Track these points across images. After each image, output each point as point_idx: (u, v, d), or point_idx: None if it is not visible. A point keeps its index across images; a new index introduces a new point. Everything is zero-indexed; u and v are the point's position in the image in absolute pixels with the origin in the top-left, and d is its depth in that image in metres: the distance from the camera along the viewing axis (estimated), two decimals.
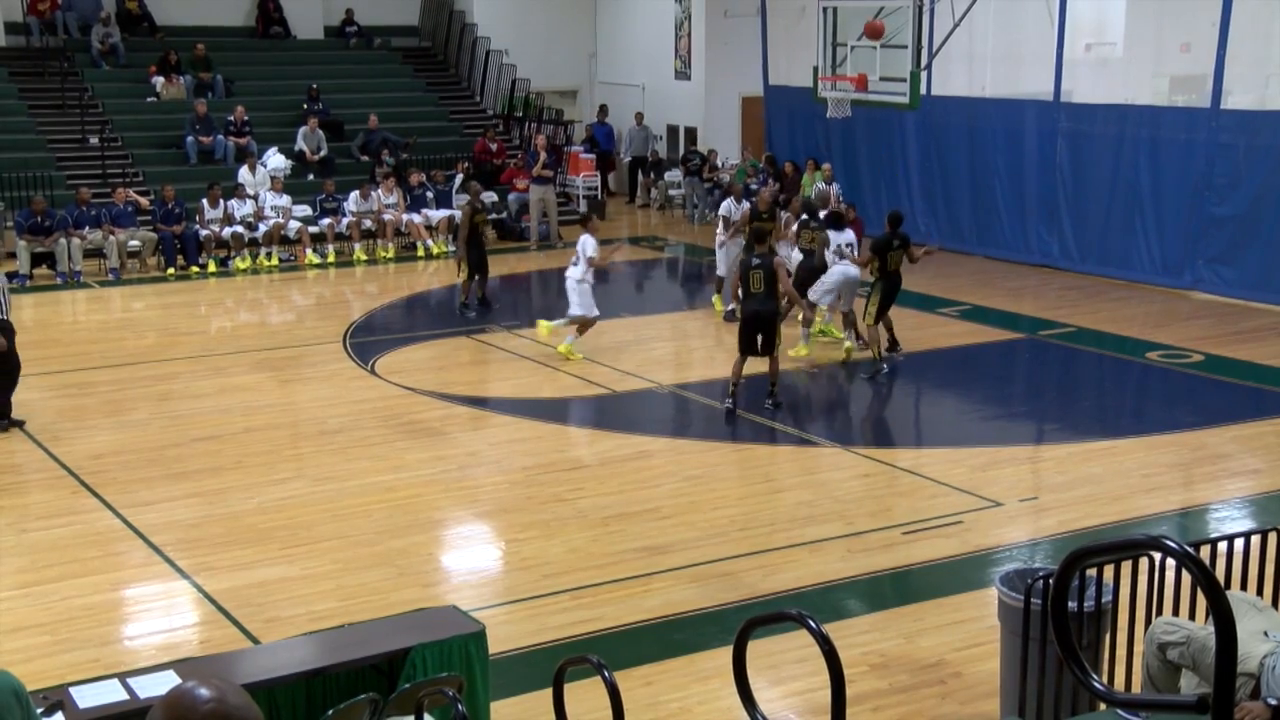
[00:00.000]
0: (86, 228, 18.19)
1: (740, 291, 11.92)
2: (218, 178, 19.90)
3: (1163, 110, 17.55)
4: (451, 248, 20.17)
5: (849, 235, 13.86)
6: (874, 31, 16.54)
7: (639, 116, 25.28)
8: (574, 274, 13.55)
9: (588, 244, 13.42)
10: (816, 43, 17.75)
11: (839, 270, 13.56)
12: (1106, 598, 5.78)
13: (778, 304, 11.60)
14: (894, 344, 13.55)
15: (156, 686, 5.05)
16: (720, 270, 15.56)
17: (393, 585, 8.01)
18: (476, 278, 15.76)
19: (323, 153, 21.63)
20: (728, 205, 15.67)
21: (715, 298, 15.75)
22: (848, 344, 13.54)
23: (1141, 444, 10.75)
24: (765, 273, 11.44)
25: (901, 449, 10.85)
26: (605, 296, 15.41)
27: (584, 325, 13.56)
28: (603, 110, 25.59)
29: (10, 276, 17.57)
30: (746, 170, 22.21)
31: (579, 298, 13.50)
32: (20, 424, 11.28)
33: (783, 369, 12.50)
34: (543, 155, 20.67)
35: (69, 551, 8.60)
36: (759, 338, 11.53)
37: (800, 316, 13.55)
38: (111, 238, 18.14)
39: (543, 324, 14.05)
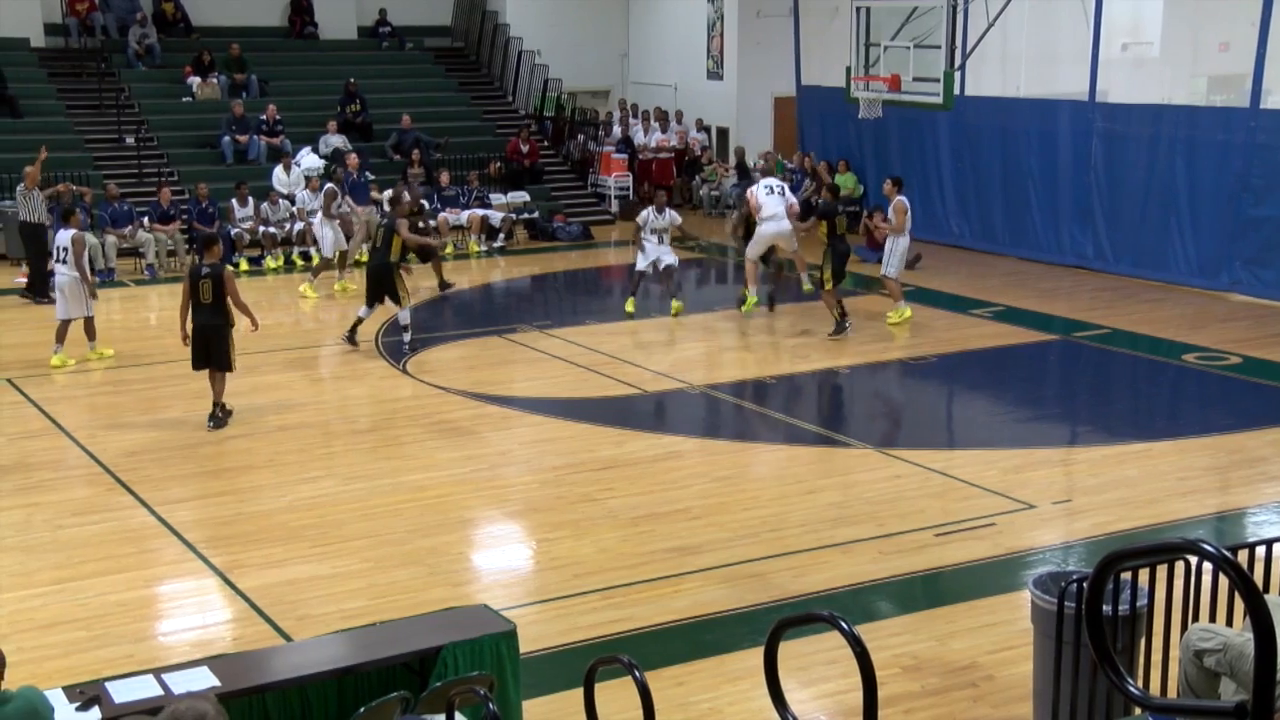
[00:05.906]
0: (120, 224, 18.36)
1: None
2: (252, 177, 20.06)
3: (1200, 110, 17.38)
4: (483, 247, 20.25)
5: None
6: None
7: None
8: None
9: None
10: (850, 43, 17.70)
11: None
12: (1141, 601, 5.73)
13: None
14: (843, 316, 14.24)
15: (190, 682, 5.08)
16: (640, 265, 15.51)
17: (423, 584, 8.03)
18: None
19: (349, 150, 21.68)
20: (646, 214, 15.56)
21: (630, 299, 15.70)
22: None
23: (1177, 447, 10.65)
24: None
25: (933, 450, 10.79)
26: (640, 296, 15.49)
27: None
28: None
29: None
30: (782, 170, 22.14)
31: None
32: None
33: (802, 370, 12.39)
34: None
35: (104, 548, 8.68)
36: None
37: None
38: (149, 235, 18.29)
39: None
